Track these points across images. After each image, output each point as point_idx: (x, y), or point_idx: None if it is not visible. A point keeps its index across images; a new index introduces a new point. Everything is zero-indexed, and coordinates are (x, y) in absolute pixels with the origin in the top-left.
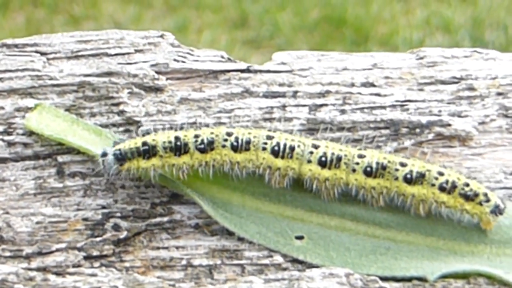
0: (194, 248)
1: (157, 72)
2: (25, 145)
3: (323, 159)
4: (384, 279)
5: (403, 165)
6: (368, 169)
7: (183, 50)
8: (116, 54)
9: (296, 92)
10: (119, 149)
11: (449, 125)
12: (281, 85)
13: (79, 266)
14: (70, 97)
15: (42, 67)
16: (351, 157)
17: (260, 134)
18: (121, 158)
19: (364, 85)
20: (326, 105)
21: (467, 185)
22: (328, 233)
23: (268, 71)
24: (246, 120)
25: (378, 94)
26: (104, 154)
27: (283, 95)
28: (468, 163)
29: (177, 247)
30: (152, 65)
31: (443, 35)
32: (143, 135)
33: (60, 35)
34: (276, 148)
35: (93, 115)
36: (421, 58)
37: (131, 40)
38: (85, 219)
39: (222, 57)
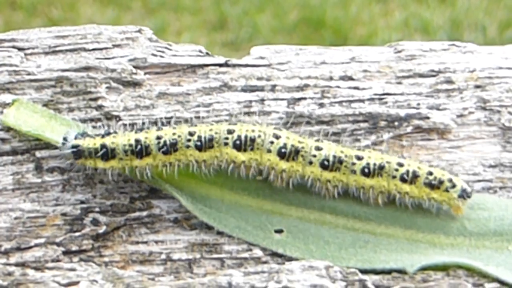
0: (174, 243)
1: (135, 67)
2: (3, 140)
3: (283, 150)
4: (364, 271)
5: (359, 158)
6: (326, 162)
7: (161, 45)
8: (94, 49)
9: (274, 86)
10: (78, 145)
11: (428, 118)
12: (259, 79)
13: (58, 261)
14: (48, 92)
15: (19, 62)
16: (309, 149)
17: (221, 129)
18: (77, 154)
19: (342, 78)
20: (304, 98)
21: (431, 173)
22: (307, 227)
23: (247, 65)
24: (224, 114)
25: (356, 88)
26: (65, 140)
27: (261, 89)
28: (447, 155)
29: (156, 242)
30: (130, 60)
31: (421, 37)
32: (103, 136)
33: (38, 31)
34: (237, 142)
35: (71, 110)
36: (399, 51)
37: (109, 35)
38: (63, 214)
39: (200, 51)
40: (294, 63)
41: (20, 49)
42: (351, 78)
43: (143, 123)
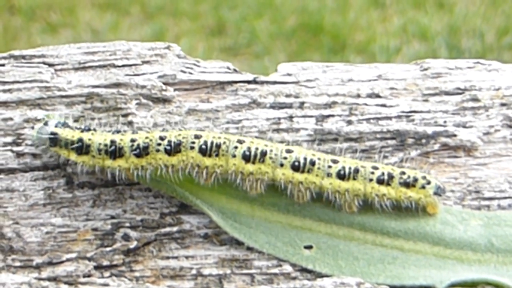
0: (204, 258)
1: (164, 83)
2: (34, 155)
3: (247, 153)
4: None
5: (335, 162)
6: (296, 163)
7: (189, 61)
8: (123, 66)
9: (303, 103)
10: (56, 133)
11: (455, 135)
12: (287, 96)
13: (89, 276)
14: (79, 108)
15: (50, 78)
16: (279, 152)
17: (189, 134)
18: (53, 141)
19: (369, 96)
20: (332, 115)
21: (404, 173)
22: (336, 243)
23: (275, 82)
24: (254, 131)
25: (383, 105)
26: (45, 124)
27: (290, 106)
28: (473, 173)
29: (186, 257)
30: (160, 76)
31: (420, 43)
32: (83, 130)
33: (67, 47)
34: (203, 146)
35: (101, 126)
36: (425, 69)
37: (138, 52)
38: (94, 229)
39: (228, 68)
40: (321, 80)
41: (50, 65)
42: (378, 96)
43: (124, 130)
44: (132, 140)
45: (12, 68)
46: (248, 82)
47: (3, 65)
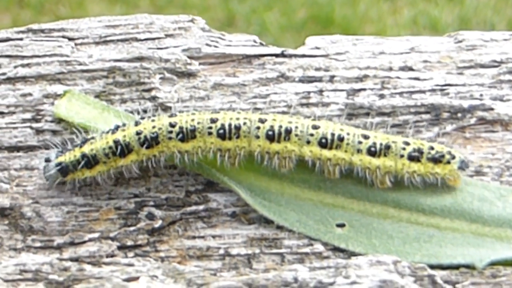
0: (232, 237)
1: (189, 57)
2: (54, 132)
3: (270, 132)
4: (430, 267)
5: (365, 137)
6: (323, 140)
7: (214, 35)
8: (146, 39)
9: (333, 76)
10: (61, 163)
11: (492, 109)
12: (317, 69)
13: (112, 256)
14: (100, 83)
15: (70, 52)
16: (304, 128)
17: (203, 118)
18: (63, 171)
19: (402, 69)
20: (364, 89)
21: (432, 148)
22: (370, 221)
23: (303, 56)
24: (282, 105)
25: (417, 78)
26: (47, 160)
27: (319, 79)
28: (511, 148)
29: (213, 236)
30: (184, 50)
31: (430, 35)
32: (81, 145)
33: (88, 20)
34: (221, 131)
35: (124, 101)
36: (460, 41)
37: (161, 25)
38: (117, 208)
39: (255, 41)
40: (352, 53)
41: (70, 39)
42: (411, 69)
43: (123, 124)
44: (138, 133)
45: (30, 42)
46: (276, 55)
47: (21, 39)
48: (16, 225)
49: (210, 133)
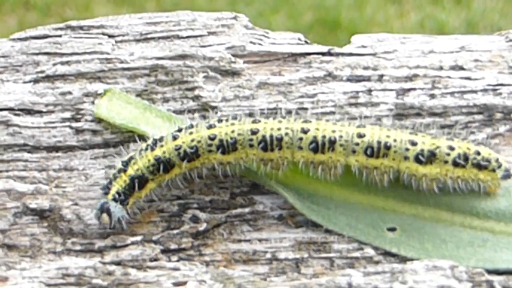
0: (279, 241)
1: (233, 55)
2: (94, 132)
3: (314, 144)
4: (487, 272)
5: (413, 143)
6: (369, 149)
7: (258, 32)
8: (188, 37)
9: (381, 75)
10: (117, 192)
11: None
12: (365, 68)
13: (156, 260)
14: (142, 82)
15: (111, 50)
16: (349, 137)
17: (244, 129)
18: (122, 200)
19: (453, 68)
20: (414, 89)
21: (478, 153)
22: (422, 225)
23: (351, 54)
24: (330, 105)
25: (468, 78)
26: (105, 207)
27: (368, 79)
28: None
29: (260, 240)
30: (228, 48)
31: None
32: (124, 170)
33: (128, 17)
34: (263, 144)
35: (166, 100)
36: (511, 40)
37: (204, 22)
38: (160, 211)
39: (299, 39)
40: (401, 52)
41: (110, 36)
42: (462, 68)
43: (160, 138)
44: (177, 148)
45: (70, 39)
46: (322, 54)
47: (59, 36)
48: (55, 228)
49: (251, 145)
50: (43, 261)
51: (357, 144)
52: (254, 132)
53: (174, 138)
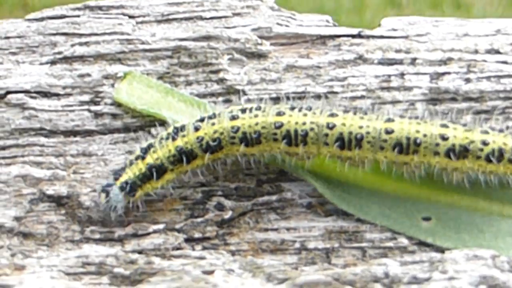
0: (308, 230)
1: (259, 37)
2: (114, 116)
3: (340, 141)
4: None
5: (444, 138)
6: (398, 146)
7: (284, 14)
8: (212, 18)
9: (414, 59)
10: (126, 181)
11: None
12: (397, 51)
13: (179, 249)
14: (164, 64)
15: (131, 31)
16: (377, 134)
17: (267, 122)
18: (131, 190)
19: (488, 52)
20: (448, 73)
21: None
22: (458, 214)
23: (382, 37)
24: (361, 89)
25: (505, 62)
26: (107, 189)
27: (400, 62)
28: None
29: (288, 229)
30: (254, 29)
31: None
32: (143, 157)
33: None
34: (287, 139)
35: (189, 83)
36: None
37: (228, 3)
38: (183, 198)
39: (327, 21)
40: (434, 35)
41: (130, 16)
42: (498, 52)
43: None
44: (199, 139)
45: (88, 19)
46: (352, 36)
47: (78, 16)
48: (73, 215)
49: (275, 139)
50: (60, 250)
51: (385, 140)
52: (278, 127)
53: (196, 129)
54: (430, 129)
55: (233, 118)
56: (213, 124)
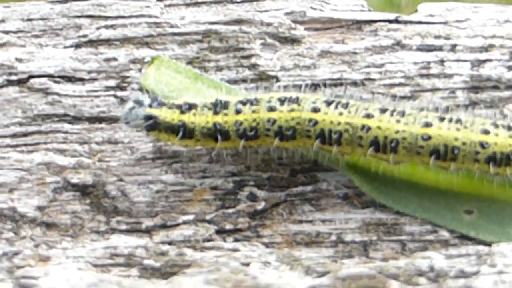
0: (344, 222)
1: (293, 21)
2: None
3: (375, 144)
4: None
5: (483, 145)
6: (435, 153)
7: None
8: (242, 1)
9: (454, 45)
10: (155, 117)
11: None
12: (436, 37)
13: (209, 240)
14: (193, 48)
15: (160, 14)
16: (413, 139)
17: (302, 118)
18: (152, 126)
19: None
20: (490, 60)
21: None
22: (501, 207)
23: (420, 22)
24: (399, 76)
25: None
26: (137, 104)
27: (440, 48)
28: None
29: (323, 221)
30: (287, 13)
31: None
32: (183, 110)
33: None
34: (321, 138)
35: (219, 69)
36: None
37: None
38: (213, 188)
39: (363, 6)
40: (474, 21)
41: None
42: None
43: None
44: (238, 123)
45: (114, 1)
46: (389, 21)
47: None
48: (98, 205)
49: (309, 136)
50: (86, 241)
51: (422, 147)
52: (312, 123)
53: (237, 111)
54: (470, 136)
55: (271, 109)
56: (253, 111)
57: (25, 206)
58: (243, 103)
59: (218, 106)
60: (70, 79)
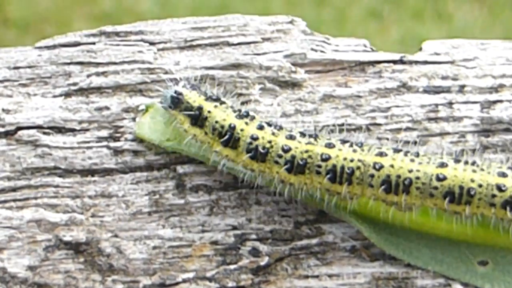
0: (352, 277)
1: (293, 64)
2: (136, 153)
3: (386, 184)
4: None
5: (500, 189)
6: (450, 195)
7: (317, 38)
8: (239, 44)
9: (463, 86)
10: (181, 94)
11: None
12: (444, 78)
13: None
14: None
15: (153, 59)
16: (427, 180)
17: (315, 152)
18: (175, 103)
19: None
20: (501, 101)
21: None
22: None
23: (426, 62)
24: (406, 120)
25: None
26: (175, 82)
27: (448, 90)
28: None
29: (330, 276)
30: (287, 56)
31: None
32: (208, 98)
33: (170, 21)
34: (331, 174)
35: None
36: None
37: (257, 27)
38: (213, 243)
39: (365, 46)
40: (482, 60)
41: (150, 43)
42: None
43: (247, 111)
44: (253, 138)
45: (105, 47)
46: (394, 62)
47: (93, 43)
48: (93, 263)
49: (318, 172)
50: None
51: (436, 188)
52: (324, 159)
53: (260, 127)
54: (487, 178)
55: (290, 137)
56: (273, 133)
57: (16, 266)
58: (268, 124)
59: (244, 113)
60: (60, 130)
